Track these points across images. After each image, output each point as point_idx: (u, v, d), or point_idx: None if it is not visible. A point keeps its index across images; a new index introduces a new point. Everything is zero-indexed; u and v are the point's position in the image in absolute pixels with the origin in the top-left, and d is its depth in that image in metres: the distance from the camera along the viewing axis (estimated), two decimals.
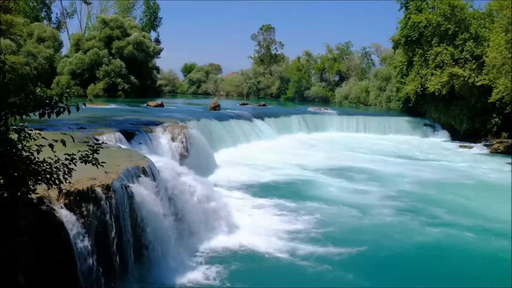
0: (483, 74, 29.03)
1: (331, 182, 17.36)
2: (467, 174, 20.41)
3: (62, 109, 5.31)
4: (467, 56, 30.94)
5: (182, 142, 16.28)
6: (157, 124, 17.33)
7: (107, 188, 7.34)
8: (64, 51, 52.24)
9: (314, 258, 9.58)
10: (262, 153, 22.46)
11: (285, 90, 70.92)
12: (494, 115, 30.83)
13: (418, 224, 12.44)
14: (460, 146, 30.29)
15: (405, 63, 36.49)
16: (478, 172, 21.28)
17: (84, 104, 5.72)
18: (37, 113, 5.34)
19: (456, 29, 31.77)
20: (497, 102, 27.95)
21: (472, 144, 30.24)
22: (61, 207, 6.42)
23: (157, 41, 66.76)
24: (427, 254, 10.49)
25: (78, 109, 5.41)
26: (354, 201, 14.49)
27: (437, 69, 32.00)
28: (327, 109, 39.92)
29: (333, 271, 9.07)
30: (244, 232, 10.79)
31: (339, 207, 13.72)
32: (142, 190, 8.36)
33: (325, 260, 9.51)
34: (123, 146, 12.74)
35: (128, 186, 8.05)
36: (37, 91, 5.32)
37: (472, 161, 24.58)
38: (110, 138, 13.31)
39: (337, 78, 68.15)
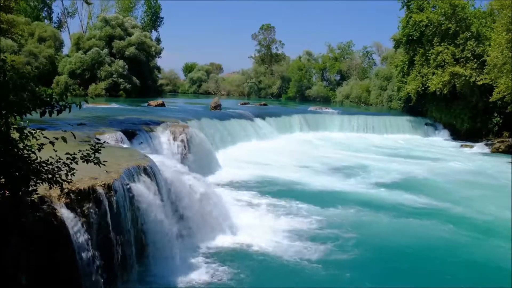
0: (484, 73, 29.01)
1: (333, 182, 17.30)
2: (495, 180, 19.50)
3: (63, 108, 5.28)
4: (468, 55, 30.92)
5: (183, 142, 16.24)
6: (158, 123, 17.28)
7: (108, 187, 7.33)
8: (65, 50, 52.42)
9: (317, 258, 9.54)
10: (263, 153, 22.45)
11: (286, 89, 70.95)
12: (495, 115, 30.85)
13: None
14: (462, 146, 30.23)
15: (406, 63, 36.48)
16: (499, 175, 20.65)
17: (86, 101, 5.67)
18: (38, 112, 5.31)
19: (457, 28, 31.74)
20: (498, 102, 27.93)
21: (473, 144, 30.18)
22: (62, 207, 6.41)
23: (158, 40, 66.84)
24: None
25: (80, 107, 5.38)
26: (356, 202, 14.42)
27: (438, 68, 31.99)
28: (328, 109, 39.94)
29: (337, 272, 9.04)
30: (246, 232, 10.76)
31: (345, 208, 13.57)
32: (143, 189, 8.35)
33: (328, 261, 9.48)
34: (124, 146, 12.74)
35: (129, 185, 8.04)
36: (37, 90, 5.28)
37: (482, 162, 24.20)
38: (111, 137, 13.30)
39: (338, 78, 68.26)
